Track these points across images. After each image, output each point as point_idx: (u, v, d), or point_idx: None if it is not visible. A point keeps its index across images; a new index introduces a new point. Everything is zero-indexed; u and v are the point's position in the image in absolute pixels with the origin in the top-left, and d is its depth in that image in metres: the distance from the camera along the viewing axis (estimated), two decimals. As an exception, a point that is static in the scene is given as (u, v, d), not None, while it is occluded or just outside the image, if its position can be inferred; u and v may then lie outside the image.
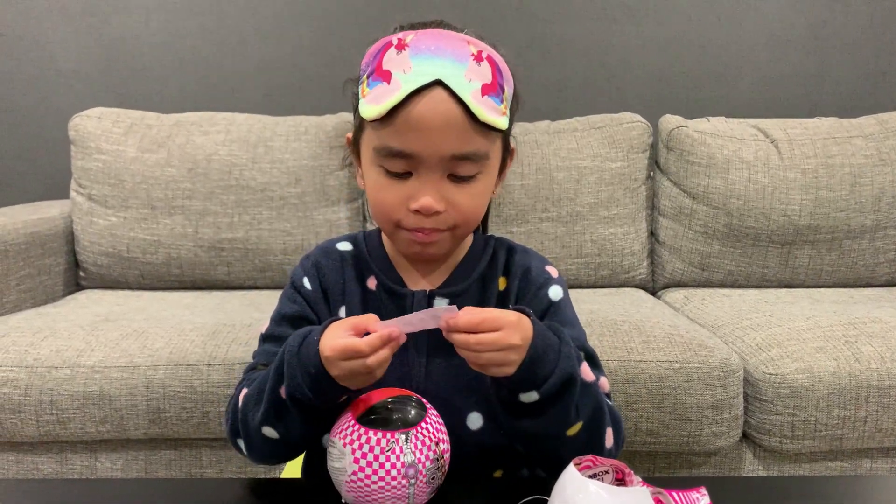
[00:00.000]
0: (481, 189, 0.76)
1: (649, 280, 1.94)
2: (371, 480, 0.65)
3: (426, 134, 0.70)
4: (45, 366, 1.34)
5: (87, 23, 2.15)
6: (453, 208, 0.75)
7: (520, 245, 0.88)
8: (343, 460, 0.67)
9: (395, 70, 0.71)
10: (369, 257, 0.85)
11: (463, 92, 0.70)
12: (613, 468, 0.67)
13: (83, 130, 1.86)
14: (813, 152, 1.85)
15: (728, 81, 2.23)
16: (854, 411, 1.35)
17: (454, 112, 0.70)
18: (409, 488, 0.66)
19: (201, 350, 1.38)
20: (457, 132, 0.71)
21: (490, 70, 0.73)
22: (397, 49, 0.72)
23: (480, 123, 0.71)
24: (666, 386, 1.34)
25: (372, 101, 0.72)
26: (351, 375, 0.67)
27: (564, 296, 0.85)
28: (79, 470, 1.40)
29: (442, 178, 0.73)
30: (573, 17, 2.20)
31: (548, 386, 0.69)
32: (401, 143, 0.72)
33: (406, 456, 0.66)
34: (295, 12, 2.17)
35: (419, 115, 0.70)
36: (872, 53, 2.23)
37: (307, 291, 0.83)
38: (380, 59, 0.72)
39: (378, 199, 0.76)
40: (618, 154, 1.87)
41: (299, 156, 1.84)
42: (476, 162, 0.74)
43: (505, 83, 0.75)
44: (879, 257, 1.86)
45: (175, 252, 1.82)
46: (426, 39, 0.72)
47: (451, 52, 0.71)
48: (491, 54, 0.74)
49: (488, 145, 0.74)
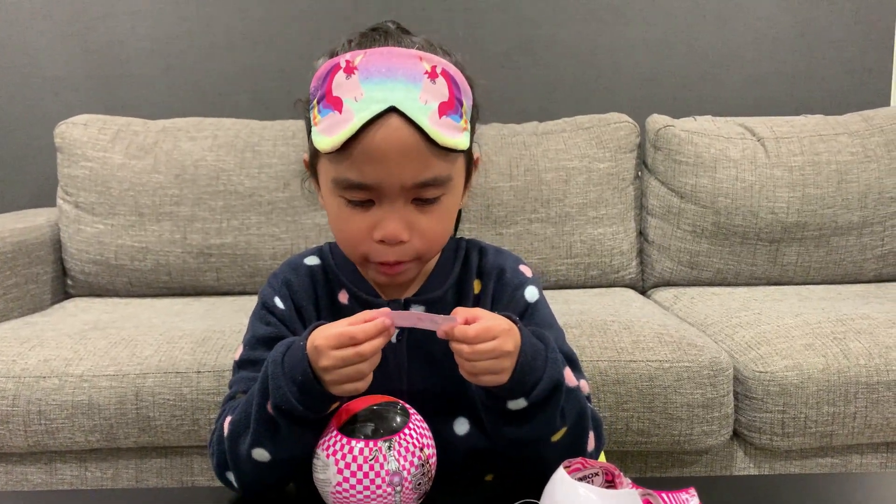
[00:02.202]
0: (446, 210, 0.74)
1: (639, 279, 1.95)
2: (356, 490, 0.65)
3: (384, 164, 0.68)
4: (33, 375, 1.33)
5: (73, 29, 2.14)
6: (418, 235, 0.72)
7: (491, 245, 0.86)
8: (327, 471, 0.66)
9: (346, 97, 0.67)
10: (338, 270, 0.82)
11: (419, 117, 0.67)
12: (603, 470, 0.68)
13: (69, 137, 1.85)
14: (799, 150, 1.86)
15: (715, 80, 2.24)
16: (843, 408, 1.36)
17: (412, 139, 0.67)
18: (394, 496, 0.65)
19: (191, 357, 1.37)
20: (416, 159, 0.68)
21: (446, 86, 0.69)
22: (346, 73, 0.68)
23: (440, 147, 0.69)
24: (656, 385, 1.34)
25: (324, 131, 0.69)
26: (342, 365, 0.64)
27: (540, 296, 0.83)
28: (69, 480, 1.39)
29: (405, 204, 0.71)
30: (560, 18, 2.20)
31: (536, 392, 0.69)
32: (359, 176, 0.69)
33: (390, 464, 0.65)
34: (282, 17, 2.17)
35: (375, 147, 0.67)
36: (858, 51, 2.24)
37: (281, 311, 0.81)
38: (329, 85, 0.69)
39: (341, 229, 0.74)
40: (606, 154, 1.88)
41: (287, 160, 1.84)
42: (439, 186, 0.71)
43: (463, 96, 0.72)
44: (866, 253, 1.87)
45: (163, 259, 1.81)
46: (375, 61, 0.68)
47: (403, 73, 0.67)
48: (446, 68, 0.70)
49: (450, 167, 0.72)
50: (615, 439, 1.36)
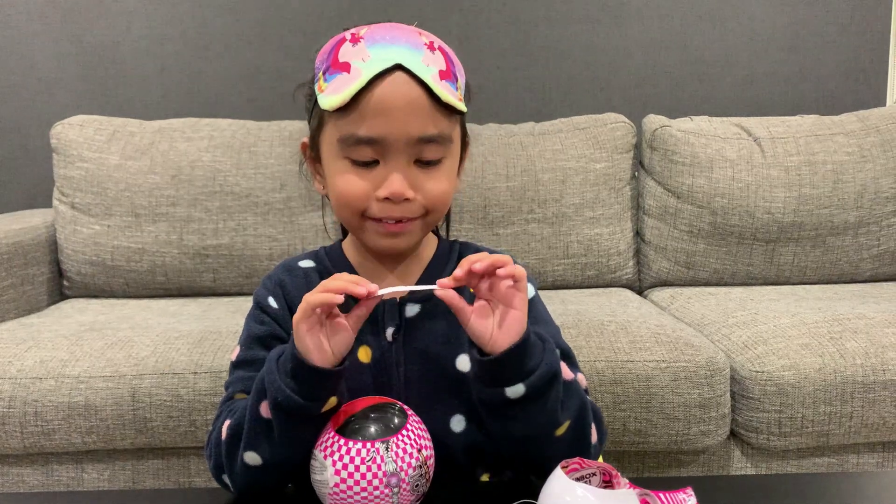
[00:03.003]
0: (447, 173, 0.77)
1: (636, 280, 1.95)
2: (353, 492, 0.65)
3: (391, 117, 0.71)
4: (30, 377, 1.33)
5: (68, 30, 2.13)
6: (422, 194, 0.75)
7: (483, 248, 0.86)
8: (324, 473, 0.66)
9: (354, 60, 0.71)
10: (333, 270, 0.83)
11: (424, 74, 0.71)
12: (600, 470, 0.68)
13: (65, 138, 1.85)
14: (795, 150, 1.86)
15: (711, 81, 2.25)
16: (840, 407, 1.36)
17: (417, 93, 0.71)
18: (392, 497, 0.65)
19: (187, 358, 1.37)
20: (421, 113, 0.72)
21: (444, 59, 0.74)
22: (352, 42, 0.73)
23: (443, 105, 0.73)
24: (653, 385, 1.34)
25: (332, 91, 0.72)
26: (315, 304, 0.65)
27: (535, 293, 0.85)
28: (65, 481, 1.39)
29: (409, 164, 0.74)
30: (556, 18, 2.20)
31: (534, 379, 0.69)
32: (366, 129, 0.72)
33: (387, 465, 0.65)
34: (278, 17, 2.17)
35: (383, 98, 0.71)
36: (853, 51, 2.24)
37: (274, 310, 0.82)
38: (335, 54, 0.73)
39: (344, 190, 0.75)
40: (602, 155, 1.88)
41: (284, 161, 1.84)
42: (441, 144, 0.74)
43: (458, 72, 0.77)
44: (862, 253, 1.87)
45: (160, 259, 1.81)
46: (380, 31, 0.73)
47: (406, 40, 0.73)
48: (442, 45, 0.76)
49: (451, 127, 0.75)
50: (612, 439, 1.36)
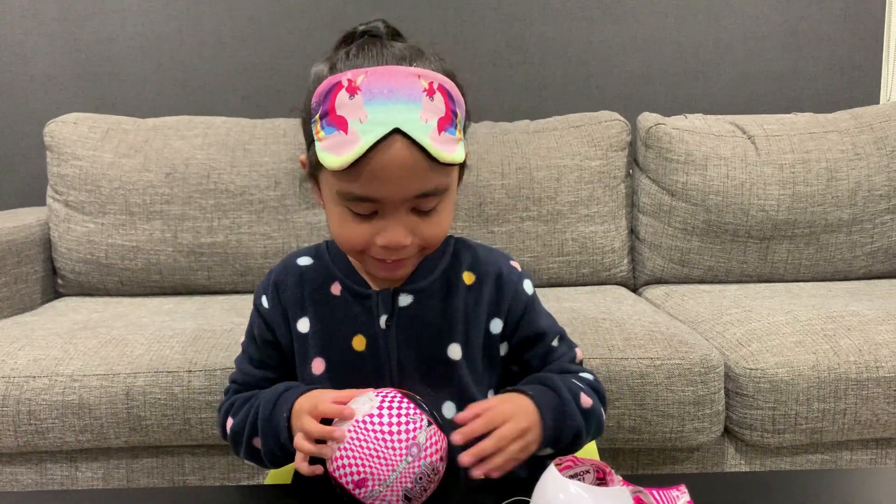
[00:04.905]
0: (444, 215, 0.78)
1: (630, 277, 1.95)
2: (381, 429, 0.67)
3: (389, 182, 0.71)
4: (23, 375, 1.33)
5: (62, 27, 2.13)
6: (419, 238, 0.76)
7: (478, 243, 0.90)
8: (367, 404, 0.69)
9: (351, 118, 0.70)
10: (332, 264, 0.86)
11: (421, 136, 0.70)
12: (594, 468, 0.68)
13: (59, 136, 1.84)
14: (790, 148, 1.87)
15: (705, 79, 2.25)
16: (833, 404, 1.37)
17: (415, 158, 0.70)
18: (401, 462, 0.66)
19: (182, 356, 1.36)
20: (419, 175, 0.72)
21: (443, 101, 0.72)
22: (349, 93, 0.70)
23: (440, 163, 0.72)
24: (647, 383, 1.34)
25: (330, 149, 0.71)
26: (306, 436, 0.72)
27: (533, 288, 0.89)
28: (59, 480, 1.39)
29: (407, 212, 0.75)
30: (551, 16, 2.20)
31: (562, 443, 0.78)
32: (364, 191, 0.72)
33: (420, 435, 0.68)
34: (272, 15, 2.16)
35: (381, 166, 0.70)
36: (847, 49, 2.25)
37: (265, 310, 0.87)
38: (332, 103, 0.71)
39: (343, 234, 0.77)
40: (597, 152, 1.88)
41: (278, 158, 1.83)
42: (437, 196, 0.75)
43: (457, 108, 0.75)
44: (856, 251, 1.88)
45: (154, 258, 1.81)
46: (377, 81, 0.70)
47: (404, 93, 0.70)
48: (442, 83, 0.73)
49: (447, 178, 0.76)
50: (607, 437, 1.36)
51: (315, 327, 0.84)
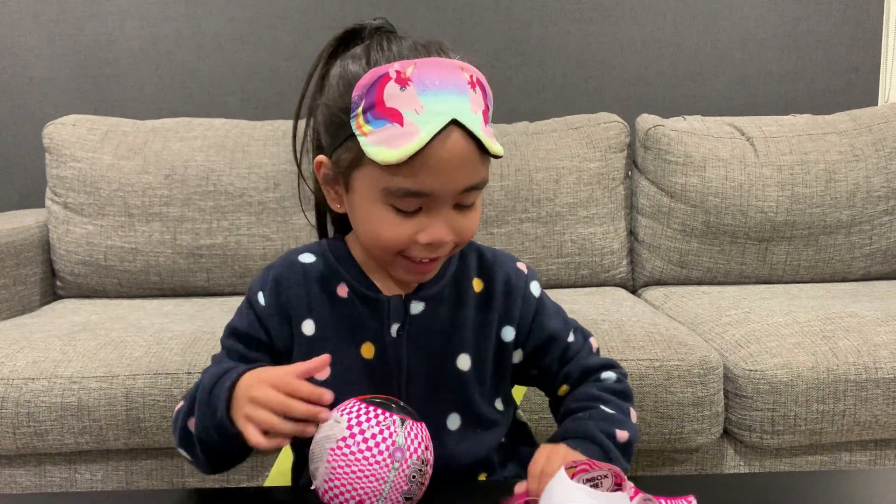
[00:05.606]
0: (478, 209, 0.78)
1: (629, 279, 1.95)
2: (358, 449, 0.65)
3: (445, 173, 0.70)
4: (22, 377, 1.32)
5: (61, 29, 2.13)
6: (457, 235, 0.75)
7: (486, 247, 0.88)
8: (335, 428, 0.66)
9: (406, 110, 0.68)
10: (338, 265, 0.82)
11: (475, 127, 0.69)
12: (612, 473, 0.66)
13: (58, 138, 1.84)
14: (788, 149, 1.87)
15: (704, 80, 2.25)
16: (832, 405, 1.37)
17: (469, 149, 0.70)
18: (390, 472, 0.65)
19: (181, 358, 1.36)
20: (471, 166, 0.72)
21: (482, 95, 0.72)
22: (399, 84, 0.68)
23: (487, 154, 0.72)
24: (647, 384, 1.34)
25: (382, 142, 0.68)
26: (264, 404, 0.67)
27: (541, 287, 0.88)
28: (58, 482, 1.39)
29: (450, 209, 0.74)
30: (550, 18, 2.21)
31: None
32: (418, 185, 0.70)
33: (398, 438, 0.66)
34: (271, 17, 2.16)
35: (440, 157, 0.69)
36: (845, 50, 2.25)
37: (260, 307, 0.82)
38: (379, 94, 0.68)
39: (384, 235, 0.74)
40: (596, 154, 1.88)
41: (277, 160, 1.83)
42: (479, 190, 0.75)
43: (490, 101, 0.75)
44: (855, 252, 1.88)
45: (153, 259, 1.80)
46: (427, 72, 0.69)
47: (454, 84, 0.70)
48: (479, 77, 0.73)
49: (487, 172, 0.75)
50: (606, 438, 1.36)
51: (321, 331, 0.80)
